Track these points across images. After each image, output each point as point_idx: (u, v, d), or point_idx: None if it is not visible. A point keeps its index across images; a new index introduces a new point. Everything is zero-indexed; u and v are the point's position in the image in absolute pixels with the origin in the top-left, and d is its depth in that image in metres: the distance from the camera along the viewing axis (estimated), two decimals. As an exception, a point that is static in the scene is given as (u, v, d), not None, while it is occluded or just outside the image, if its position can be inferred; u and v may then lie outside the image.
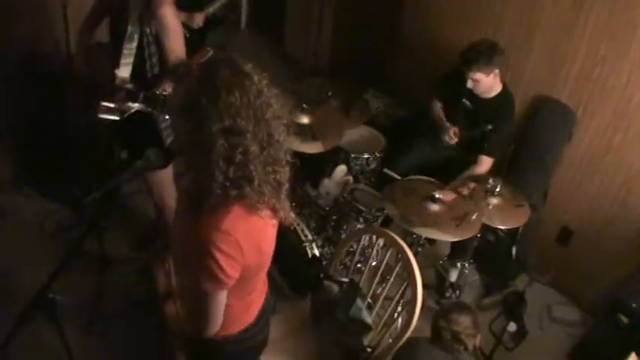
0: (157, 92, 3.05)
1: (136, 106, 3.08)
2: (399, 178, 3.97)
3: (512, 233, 4.07)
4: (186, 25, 4.43)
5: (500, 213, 3.64)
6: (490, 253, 4.18)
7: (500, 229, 3.86)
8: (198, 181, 1.86)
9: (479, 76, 3.81)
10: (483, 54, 3.76)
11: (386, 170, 4.10)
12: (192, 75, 1.80)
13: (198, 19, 4.50)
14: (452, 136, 4.05)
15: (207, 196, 1.82)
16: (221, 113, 1.73)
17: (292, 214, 2.03)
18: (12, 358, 3.08)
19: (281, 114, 1.88)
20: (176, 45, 3.22)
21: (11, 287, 3.65)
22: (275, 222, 2.03)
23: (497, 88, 3.94)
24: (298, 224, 3.72)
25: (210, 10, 4.54)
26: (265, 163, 1.84)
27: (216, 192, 1.80)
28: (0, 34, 4.18)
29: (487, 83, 3.87)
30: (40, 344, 3.34)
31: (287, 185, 1.95)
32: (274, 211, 1.95)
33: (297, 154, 3.85)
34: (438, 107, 4.27)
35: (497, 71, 3.84)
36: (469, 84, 3.88)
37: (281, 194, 1.94)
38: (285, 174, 1.92)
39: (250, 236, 1.90)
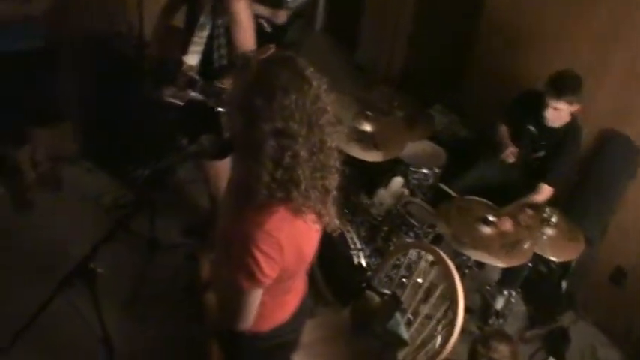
0: (215, 83, 3.06)
1: (193, 94, 3.12)
2: (454, 194, 3.93)
3: (564, 266, 3.99)
4: (269, 21, 4.50)
5: (553, 244, 3.58)
6: (539, 285, 4.10)
7: (553, 261, 3.79)
8: (246, 178, 1.86)
9: (562, 105, 3.72)
10: (573, 85, 3.70)
11: (441, 185, 4.07)
12: (250, 70, 1.80)
13: (282, 16, 4.57)
14: (509, 154, 4.00)
15: (252, 194, 1.82)
16: (274, 114, 1.73)
17: (339, 221, 2.01)
18: (45, 324, 3.15)
19: (336, 121, 1.87)
20: (246, 39, 3.26)
21: (60, 256, 3.66)
22: (319, 227, 2.02)
23: (566, 118, 3.86)
24: (348, 231, 3.71)
25: (293, 6, 4.58)
26: (314, 169, 1.83)
27: (262, 192, 1.79)
28: (76, 15, 4.34)
29: (563, 115, 3.79)
30: (75, 314, 3.36)
31: (335, 192, 1.94)
32: (319, 216, 1.93)
33: (355, 161, 3.86)
34: (503, 130, 4.21)
35: (577, 106, 3.76)
36: (548, 112, 3.78)
37: (328, 200, 1.92)
38: (333, 181, 1.91)
39: (292, 239, 1.90)
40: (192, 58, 3.28)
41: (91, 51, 4.51)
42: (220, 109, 3.09)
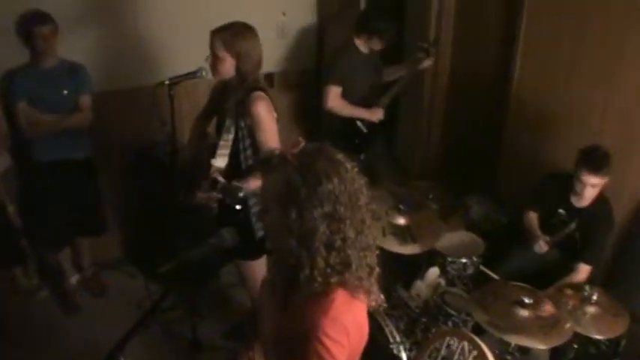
0: (233, 183, 3.19)
1: (215, 195, 3.24)
2: (495, 276, 3.91)
3: (614, 345, 3.87)
4: (366, 122, 4.80)
5: (597, 322, 3.49)
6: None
7: (603, 342, 3.69)
8: (291, 272, 1.88)
9: (595, 181, 3.72)
10: (606, 159, 3.71)
11: (483, 268, 4.05)
12: (288, 165, 1.84)
13: (379, 114, 4.78)
14: (542, 246, 4.00)
15: (306, 285, 1.84)
16: (322, 200, 1.78)
17: (383, 298, 2.03)
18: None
19: (370, 200, 1.92)
20: (269, 139, 3.40)
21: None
22: (367, 305, 2.00)
23: (595, 196, 3.85)
24: (387, 325, 3.70)
25: (384, 103, 4.82)
26: (360, 248, 1.87)
27: (318, 279, 1.82)
28: (117, 126, 4.61)
29: (595, 190, 3.79)
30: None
31: (378, 269, 1.96)
32: (368, 294, 1.94)
33: (391, 255, 3.89)
34: (530, 218, 4.22)
35: (607, 179, 3.77)
36: (579, 188, 3.79)
37: (373, 278, 1.94)
38: (375, 258, 1.95)
39: (355, 321, 1.91)
40: (220, 161, 3.42)
41: (132, 160, 4.77)
42: (237, 207, 3.20)
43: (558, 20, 4.43)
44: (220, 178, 3.24)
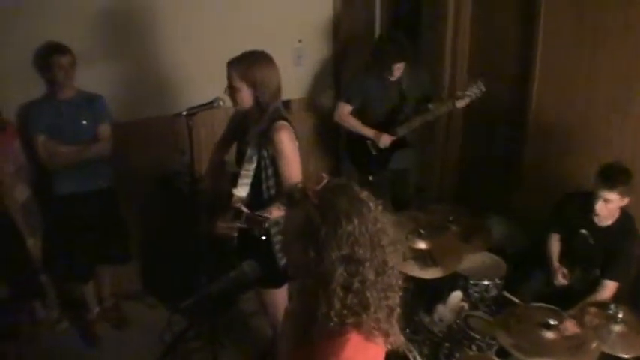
0: (258, 213, 3.17)
1: (239, 225, 3.21)
2: (518, 301, 3.87)
3: (640, 362, 3.83)
4: (374, 144, 4.81)
5: (623, 340, 3.43)
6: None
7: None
8: (311, 306, 1.86)
9: (613, 197, 3.70)
10: (624, 176, 3.69)
11: (505, 293, 4.01)
12: (309, 202, 1.82)
13: (385, 140, 4.81)
14: (560, 279, 4.02)
15: (322, 323, 1.81)
16: (340, 242, 1.75)
17: (403, 339, 2.00)
18: None
19: (395, 240, 1.89)
20: (291, 169, 3.37)
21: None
22: (386, 347, 1.96)
23: (616, 214, 3.83)
24: (411, 351, 3.67)
25: (400, 133, 4.83)
26: (380, 290, 1.84)
27: (334, 319, 1.79)
28: (136, 156, 4.67)
29: (614, 208, 3.76)
30: None
31: (398, 310, 1.93)
32: (387, 336, 1.90)
33: (413, 280, 3.87)
34: (551, 244, 4.21)
35: (627, 201, 3.74)
36: (598, 205, 3.76)
37: (393, 319, 1.91)
38: (397, 299, 1.91)
39: None
40: (242, 190, 3.40)
41: (152, 190, 4.80)
42: (263, 238, 3.20)
43: (575, 39, 4.45)
44: (244, 209, 3.23)
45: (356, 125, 4.93)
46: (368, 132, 4.90)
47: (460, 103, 4.75)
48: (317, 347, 1.85)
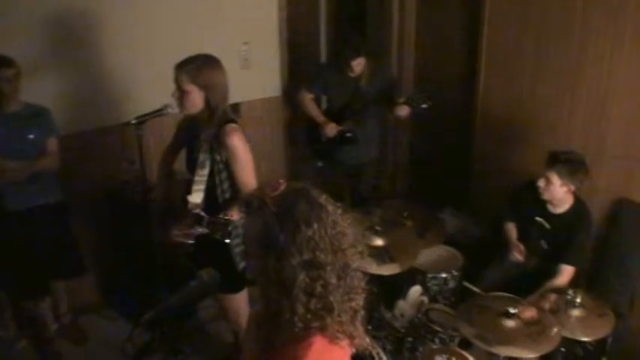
0: (220, 217, 3.12)
1: (200, 230, 3.17)
2: (478, 290, 3.91)
3: (600, 345, 3.88)
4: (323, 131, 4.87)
5: (583, 324, 3.51)
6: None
7: (589, 343, 3.69)
8: (274, 312, 1.83)
9: (555, 179, 3.76)
10: (571, 163, 3.74)
11: (466, 283, 4.05)
12: (267, 209, 1.79)
13: (330, 129, 4.88)
14: (516, 255, 4.04)
15: (286, 329, 1.79)
16: (301, 248, 1.72)
17: (367, 339, 1.98)
18: None
19: (356, 242, 1.86)
20: (246, 171, 3.36)
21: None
22: (351, 349, 1.92)
23: (570, 201, 3.89)
24: (374, 347, 3.66)
25: (345, 127, 4.91)
26: (343, 293, 1.81)
27: (298, 324, 1.76)
28: (85, 168, 4.57)
29: (556, 193, 3.82)
30: None
31: (362, 312, 1.90)
32: (351, 338, 1.87)
33: (371, 277, 3.86)
34: (509, 228, 4.25)
35: (572, 188, 3.80)
36: (541, 182, 3.83)
37: (357, 321, 1.88)
38: (360, 301, 1.88)
39: None
40: (197, 197, 3.35)
41: (102, 201, 4.71)
42: (227, 241, 3.16)
43: (520, 32, 4.52)
44: (203, 214, 3.19)
45: (311, 110, 5.09)
46: (318, 118, 5.02)
47: (400, 112, 4.76)
48: (281, 353, 1.82)
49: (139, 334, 4.31)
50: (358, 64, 4.77)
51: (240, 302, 3.65)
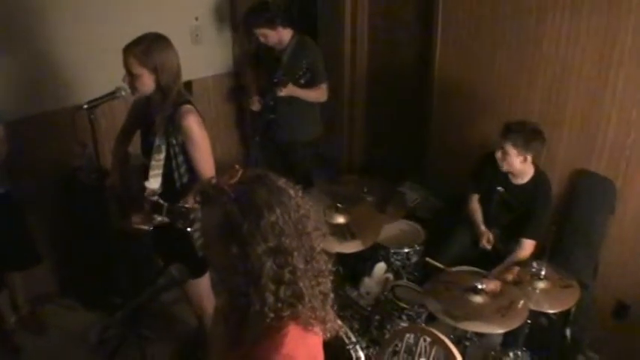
0: (179, 205, 3.05)
1: (160, 218, 3.09)
2: (441, 266, 3.90)
3: (564, 315, 3.92)
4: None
5: (548, 296, 3.53)
6: (544, 338, 4.01)
7: (553, 313, 3.73)
8: (242, 305, 1.78)
9: (510, 149, 3.76)
10: (525, 133, 3.74)
11: (429, 260, 4.03)
12: (226, 197, 1.72)
13: (252, 103, 4.80)
14: (485, 244, 4.07)
15: (257, 320, 1.75)
16: (265, 234, 1.68)
17: (340, 324, 1.94)
18: None
19: (319, 225, 1.83)
20: (202, 154, 3.29)
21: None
22: (323, 333, 1.90)
23: (530, 172, 3.90)
24: (341, 327, 3.63)
25: (266, 100, 4.72)
26: (311, 277, 1.78)
27: (269, 315, 1.72)
28: (36, 153, 4.41)
29: (514, 164, 3.81)
30: None
31: (332, 295, 1.88)
32: (323, 323, 1.84)
33: (336, 257, 3.81)
34: (474, 204, 4.25)
35: (529, 158, 3.79)
36: (498, 153, 3.84)
37: (327, 305, 1.86)
38: (328, 284, 1.86)
39: (309, 354, 1.81)
40: (154, 182, 3.27)
41: (55, 188, 4.57)
42: (189, 229, 3.08)
43: (476, 5, 4.45)
44: (161, 201, 3.09)
45: (248, 82, 5.08)
46: (250, 91, 4.96)
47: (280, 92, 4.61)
48: (255, 346, 1.77)
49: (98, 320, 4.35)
50: (262, 35, 4.60)
51: (203, 286, 3.60)
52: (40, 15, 4.30)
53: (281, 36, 4.62)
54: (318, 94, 4.70)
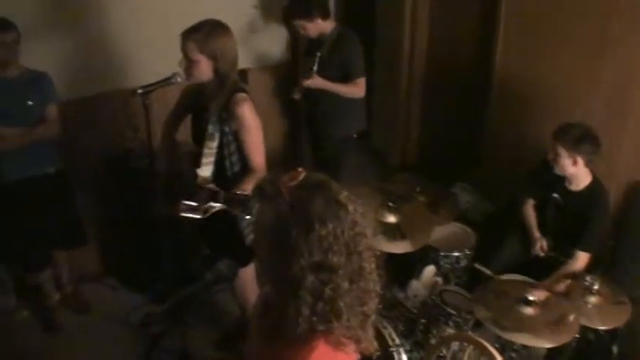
0: (238, 192, 2.98)
1: (217, 206, 3.03)
2: (490, 273, 3.82)
3: (612, 331, 3.79)
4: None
5: (600, 312, 3.43)
6: (590, 354, 3.89)
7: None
8: (279, 305, 1.72)
9: (561, 151, 3.66)
10: (574, 134, 3.63)
11: (477, 265, 3.94)
12: (282, 199, 1.66)
13: (295, 93, 4.69)
14: (538, 250, 3.96)
15: (289, 327, 1.68)
16: (312, 247, 1.60)
17: (376, 345, 1.85)
18: None
19: (373, 245, 1.74)
20: (255, 143, 3.29)
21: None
22: (357, 355, 1.81)
23: (586, 179, 3.78)
24: (385, 327, 3.57)
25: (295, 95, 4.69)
26: (354, 297, 1.69)
27: (302, 326, 1.65)
28: (88, 135, 4.44)
29: (566, 167, 3.70)
30: None
31: (374, 316, 1.78)
32: (358, 343, 1.75)
33: (385, 256, 3.74)
34: (527, 210, 4.14)
35: (579, 160, 3.66)
36: (549, 155, 3.75)
37: (367, 325, 1.76)
38: (373, 305, 1.76)
39: None
40: (206, 170, 3.26)
41: (105, 170, 4.61)
42: (248, 217, 3.04)
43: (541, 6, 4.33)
44: (218, 189, 3.05)
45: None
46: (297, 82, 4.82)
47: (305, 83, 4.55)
48: (282, 352, 1.72)
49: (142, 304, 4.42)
50: (301, 27, 4.53)
51: (248, 276, 3.57)
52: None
53: (320, 28, 4.54)
54: (352, 90, 4.56)
